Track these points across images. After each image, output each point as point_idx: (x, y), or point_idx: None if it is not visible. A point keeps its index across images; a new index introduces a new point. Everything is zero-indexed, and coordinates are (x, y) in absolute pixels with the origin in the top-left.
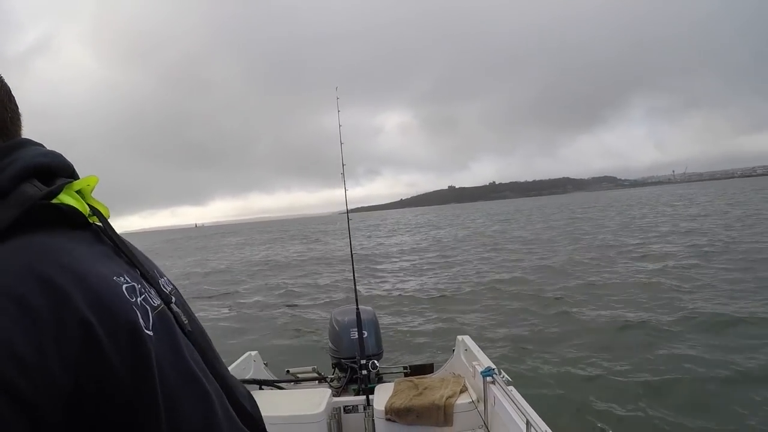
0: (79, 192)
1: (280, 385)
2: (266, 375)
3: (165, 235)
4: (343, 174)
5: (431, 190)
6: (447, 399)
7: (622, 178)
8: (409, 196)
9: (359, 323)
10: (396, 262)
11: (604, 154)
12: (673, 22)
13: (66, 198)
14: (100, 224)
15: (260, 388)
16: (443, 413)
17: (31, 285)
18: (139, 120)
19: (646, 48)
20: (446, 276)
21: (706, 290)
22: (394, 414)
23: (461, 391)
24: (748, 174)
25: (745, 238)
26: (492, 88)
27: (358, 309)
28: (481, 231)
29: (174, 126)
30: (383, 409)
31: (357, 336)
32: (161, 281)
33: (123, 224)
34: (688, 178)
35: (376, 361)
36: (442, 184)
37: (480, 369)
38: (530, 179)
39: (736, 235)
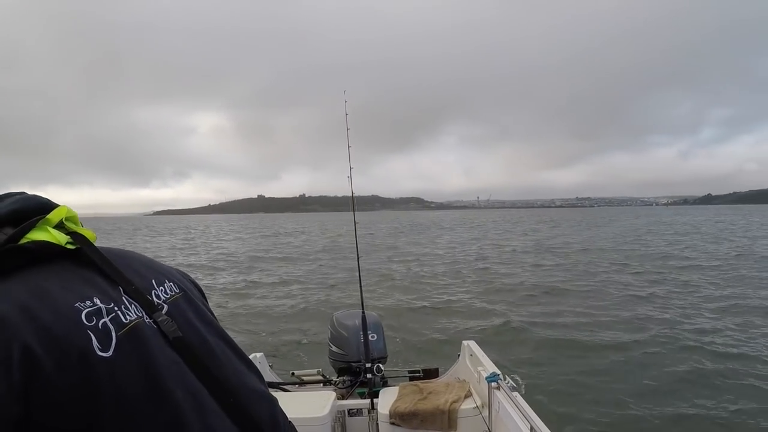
0: (61, 223)
1: (284, 387)
2: (271, 377)
3: None
4: (350, 177)
5: (241, 197)
6: (451, 404)
7: (429, 200)
8: (218, 203)
9: (365, 326)
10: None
11: (415, 176)
12: (496, 59)
13: (37, 234)
14: (83, 248)
15: None
16: (447, 418)
17: None
18: None
19: (468, 78)
20: None
21: None
22: (399, 418)
23: (466, 396)
24: (548, 205)
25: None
26: (310, 101)
27: (363, 312)
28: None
29: None
30: (388, 412)
31: (363, 339)
32: (156, 291)
33: None
34: (492, 205)
35: (381, 365)
36: (251, 192)
37: (485, 374)
38: (340, 194)
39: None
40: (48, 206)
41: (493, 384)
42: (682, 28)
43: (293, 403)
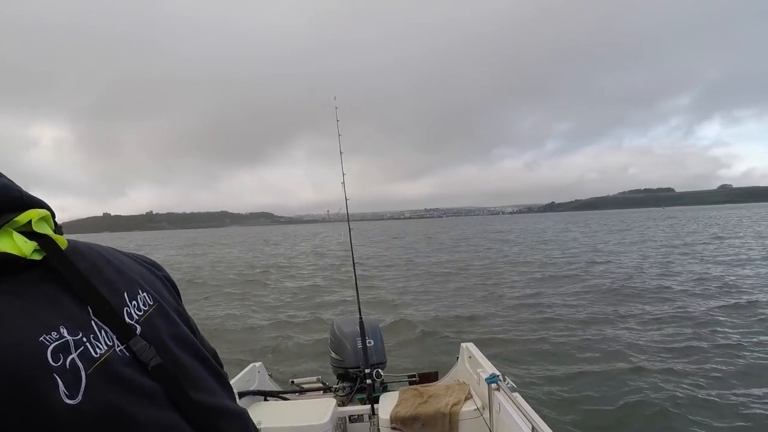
0: (29, 224)
1: (284, 395)
2: (271, 386)
3: None
4: (343, 182)
5: (84, 216)
6: (452, 406)
7: (279, 215)
8: (60, 222)
9: (363, 332)
10: None
11: (265, 191)
12: (342, 75)
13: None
14: (50, 259)
15: (265, 399)
16: (449, 421)
17: None
18: None
19: (317, 94)
20: None
21: None
22: (400, 422)
23: (466, 399)
24: (397, 217)
25: None
26: (156, 114)
27: (361, 318)
28: None
29: None
30: (388, 417)
31: (361, 345)
32: (129, 308)
33: None
34: (342, 218)
35: (380, 370)
36: (96, 210)
37: (484, 376)
38: (188, 211)
39: None
40: (22, 203)
41: (493, 385)
42: (528, 44)
43: (294, 412)
